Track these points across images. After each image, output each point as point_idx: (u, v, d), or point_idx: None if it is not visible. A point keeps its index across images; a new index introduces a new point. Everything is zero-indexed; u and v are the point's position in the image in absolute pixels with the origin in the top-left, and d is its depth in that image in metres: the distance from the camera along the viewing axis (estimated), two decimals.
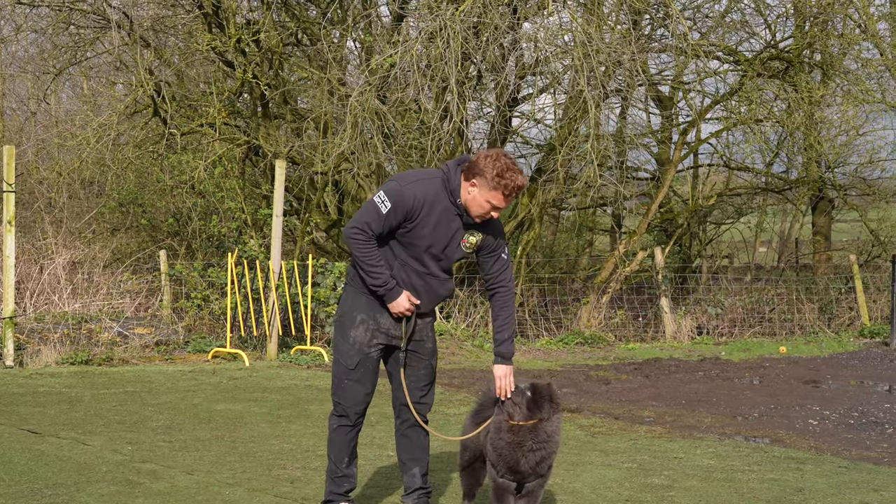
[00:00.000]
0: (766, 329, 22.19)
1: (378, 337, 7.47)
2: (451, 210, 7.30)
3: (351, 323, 7.45)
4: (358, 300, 7.45)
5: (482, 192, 7.18)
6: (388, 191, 7.22)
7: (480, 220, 7.31)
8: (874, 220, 28.70)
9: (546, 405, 7.27)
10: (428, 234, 7.29)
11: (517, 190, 7.20)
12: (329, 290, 17.81)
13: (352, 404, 7.55)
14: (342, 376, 7.51)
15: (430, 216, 7.24)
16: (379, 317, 7.43)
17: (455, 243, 7.39)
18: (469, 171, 7.23)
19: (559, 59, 19.93)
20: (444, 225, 7.31)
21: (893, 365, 17.99)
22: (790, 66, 22.38)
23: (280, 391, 14.09)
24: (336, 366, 7.55)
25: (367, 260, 7.24)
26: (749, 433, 11.72)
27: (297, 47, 22.44)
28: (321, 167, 19.87)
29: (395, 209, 7.17)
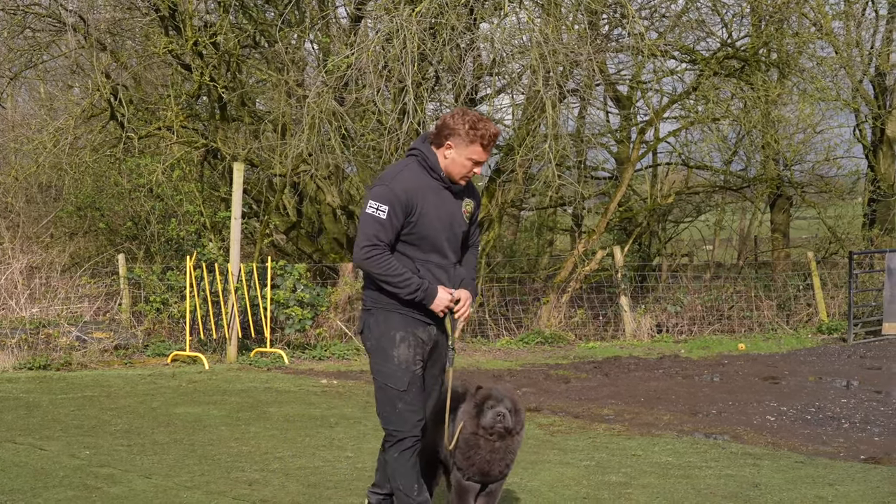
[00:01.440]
0: (725, 326, 22.29)
1: (419, 353, 7.06)
2: (439, 187, 7.05)
3: (391, 344, 7.00)
4: (391, 319, 7.02)
5: (460, 151, 6.98)
6: (377, 197, 6.90)
7: (465, 180, 7.09)
8: (831, 217, 28.87)
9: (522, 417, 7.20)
10: (434, 220, 6.99)
11: (494, 138, 7.01)
12: (288, 292, 17.79)
13: (409, 428, 7.02)
14: (395, 401, 7.00)
15: (426, 202, 6.96)
16: (417, 331, 7.04)
17: (458, 219, 7.13)
18: (439, 137, 7.02)
19: (516, 60, 19.97)
20: (441, 204, 7.05)
21: (851, 361, 18.11)
22: (746, 65, 22.47)
23: (239, 394, 14.06)
24: (383, 392, 7.04)
25: (391, 272, 6.89)
26: (707, 430, 11.78)
27: (254, 49, 22.38)
28: (280, 169, 19.84)
29: (394, 209, 6.87)
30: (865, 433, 11.65)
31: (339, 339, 18.79)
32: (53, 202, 24.36)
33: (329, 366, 17.08)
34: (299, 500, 8.36)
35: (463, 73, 19.47)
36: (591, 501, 8.48)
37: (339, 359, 17.72)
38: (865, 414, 12.79)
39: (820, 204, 28.79)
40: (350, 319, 19.40)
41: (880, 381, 15.91)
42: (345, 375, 15.98)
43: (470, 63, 19.99)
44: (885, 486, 8.93)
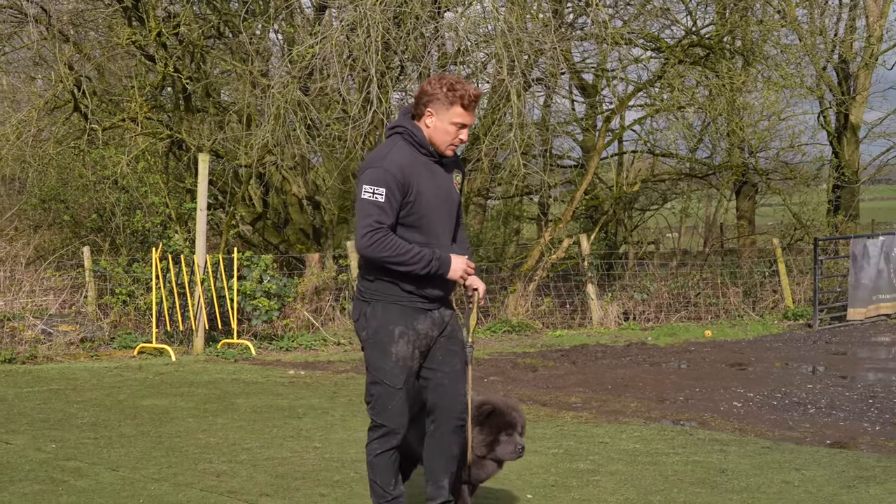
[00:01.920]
0: (691, 313, 22.36)
1: (419, 347, 6.77)
2: (429, 163, 6.74)
3: (389, 338, 6.70)
4: (389, 312, 6.71)
5: (441, 116, 6.66)
6: (371, 180, 6.56)
7: (452, 150, 6.77)
8: (796, 204, 29.01)
9: None
10: (431, 197, 6.69)
11: (475, 98, 6.70)
12: (255, 283, 17.74)
13: (399, 425, 6.82)
14: (388, 398, 6.78)
15: (421, 179, 6.64)
16: (416, 324, 6.74)
17: (453, 194, 6.85)
18: (418, 106, 6.73)
19: (481, 49, 19.97)
20: (435, 180, 6.74)
21: (816, 346, 18.20)
22: (711, 53, 22.53)
23: (207, 385, 14.02)
24: (376, 387, 6.81)
25: (399, 251, 6.54)
26: (675, 416, 11.82)
27: (218, 40, 22.29)
28: (245, 160, 19.78)
29: (392, 190, 6.53)
30: (831, 418, 11.71)
31: (307, 329, 18.76)
32: (17, 195, 24.23)
33: (296, 356, 17.04)
34: (267, 490, 8.34)
35: (427, 63, 19.45)
36: (559, 489, 8.49)
37: (306, 349, 17.69)
38: (831, 399, 12.85)
39: (785, 191, 28.93)
40: (317, 310, 19.37)
41: (845, 366, 15.99)
42: (312, 366, 15.95)
43: (434, 52, 19.98)
44: (851, 471, 8.98)
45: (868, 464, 9.27)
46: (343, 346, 17.94)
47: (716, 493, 8.33)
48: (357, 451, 9.85)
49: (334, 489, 8.40)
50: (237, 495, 8.20)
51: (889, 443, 10.32)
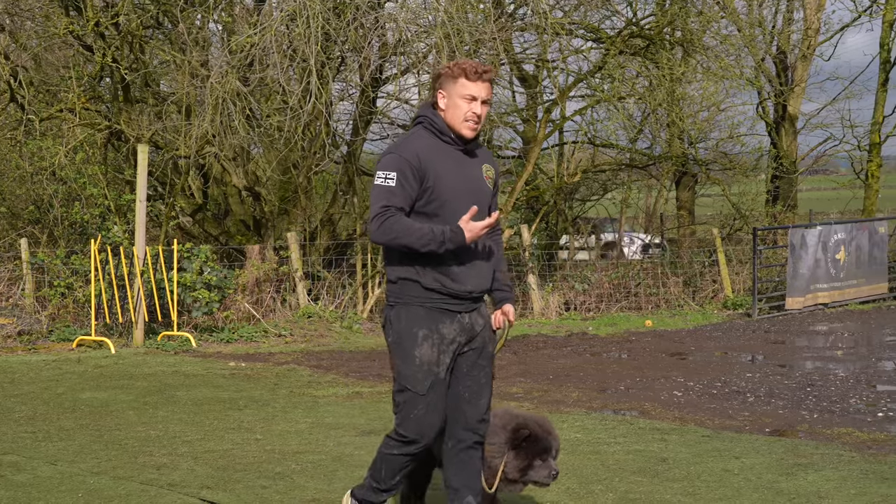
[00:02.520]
0: (632, 303, 22.48)
1: (445, 352, 6.34)
2: (452, 149, 6.42)
3: (413, 342, 6.30)
4: (414, 314, 6.33)
5: (450, 93, 6.37)
6: (384, 166, 6.29)
7: (470, 128, 6.36)
8: (736, 194, 29.20)
9: None
10: (453, 181, 6.34)
11: (481, 70, 6.37)
12: (195, 275, 17.63)
13: (422, 435, 6.36)
14: (412, 405, 6.34)
15: (441, 164, 6.32)
16: (441, 327, 6.33)
17: (482, 184, 6.49)
18: (433, 94, 6.51)
19: (421, 40, 19.93)
20: (458, 167, 6.41)
21: (756, 335, 18.35)
22: (651, 44, 22.63)
23: (147, 378, 13.92)
24: (402, 394, 6.37)
25: (409, 231, 6.17)
26: (616, 406, 11.87)
27: (157, 30, 22.13)
28: (184, 151, 19.64)
29: (405, 174, 6.21)
30: (770, 406, 11.80)
31: (247, 321, 18.67)
32: None
33: (237, 348, 16.97)
34: (208, 483, 8.29)
35: (367, 53, 19.40)
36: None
37: (247, 341, 17.60)
38: (770, 387, 12.96)
39: (724, 181, 29.11)
40: (258, 302, 19.28)
41: (784, 354, 16.14)
42: (253, 358, 15.89)
43: (375, 43, 19.93)
44: (790, 458, 9.05)
45: (806, 451, 9.36)
46: (284, 337, 17.87)
47: (657, 481, 8.37)
48: (298, 442, 9.82)
49: (276, 481, 8.36)
50: (178, 488, 8.14)
51: (826, 430, 10.42)
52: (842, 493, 7.97)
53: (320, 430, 10.48)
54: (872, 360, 15.46)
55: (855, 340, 17.65)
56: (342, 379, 13.84)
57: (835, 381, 13.39)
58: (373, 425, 10.71)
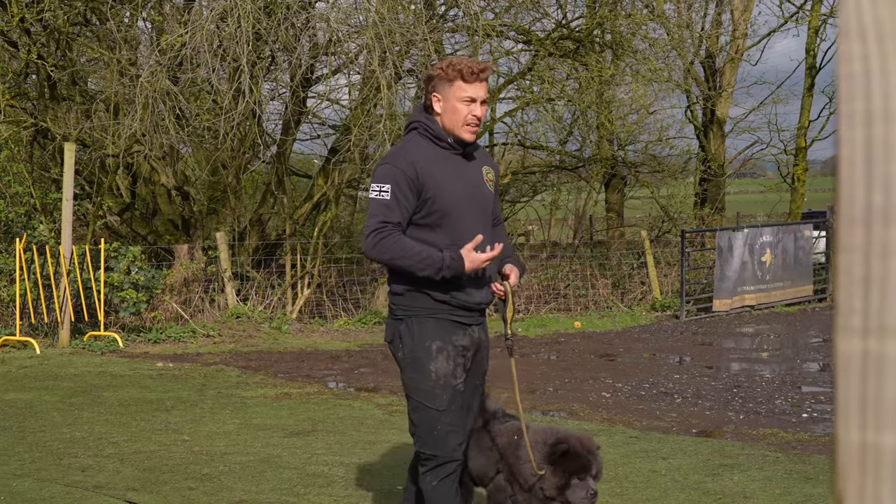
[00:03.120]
0: (561, 305, 22.55)
1: (459, 364, 6.01)
2: (449, 155, 6.06)
3: (427, 356, 5.94)
4: (423, 327, 5.96)
5: (446, 95, 6.02)
6: (379, 177, 5.92)
7: (469, 131, 6.01)
8: (664, 197, 29.42)
9: None
10: (454, 189, 5.97)
11: (478, 69, 6.02)
12: (123, 275, 17.48)
13: (450, 452, 6.00)
14: (433, 423, 5.98)
15: (439, 173, 5.95)
16: (454, 338, 5.98)
17: (483, 188, 6.14)
18: (427, 96, 6.12)
19: (352, 40, 19.90)
20: (457, 172, 6.05)
21: (683, 337, 18.48)
22: (581, 46, 22.74)
23: (72, 378, 13.77)
24: (419, 413, 6.02)
25: (406, 252, 5.81)
26: (544, 407, 11.90)
27: (85, 27, 21.91)
28: (112, 149, 19.47)
29: (399, 186, 5.85)
30: (697, 407, 11.89)
31: (175, 321, 18.54)
32: None
33: (165, 349, 16.84)
34: (134, 485, 8.22)
35: (299, 53, 19.33)
36: None
37: (174, 341, 17.48)
38: (697, 389, 13.06)
39: (653, 183, 29.32)
40: (186, 302, 19.16)
41: (711, 356, 16.27)
42: (181, 358, 15.78)
43: (306, 43, 19.86)
44: (716, 459, 9.12)
45: (732, 451, 9.44)
46: (212, 338, 17.76)
47: None
48: (226, 443, 9.76)
49: (203, 482, 8.30)
50: (103, 490, 8.06)
51: (752, 431, 10.52)
52: (766, 492, 8.04)
53: (248, 431, 10.42)
54: (798, 361, 15.62)
55: (781, 342, 17.83)
56: (271, 380, 13.78)
57: (761, 383, 13.52)
58: (301, 426, 10.66)
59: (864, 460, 1.12)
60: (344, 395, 12.76)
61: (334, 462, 9.05)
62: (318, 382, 13.72)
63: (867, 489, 1.12)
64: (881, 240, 1.10)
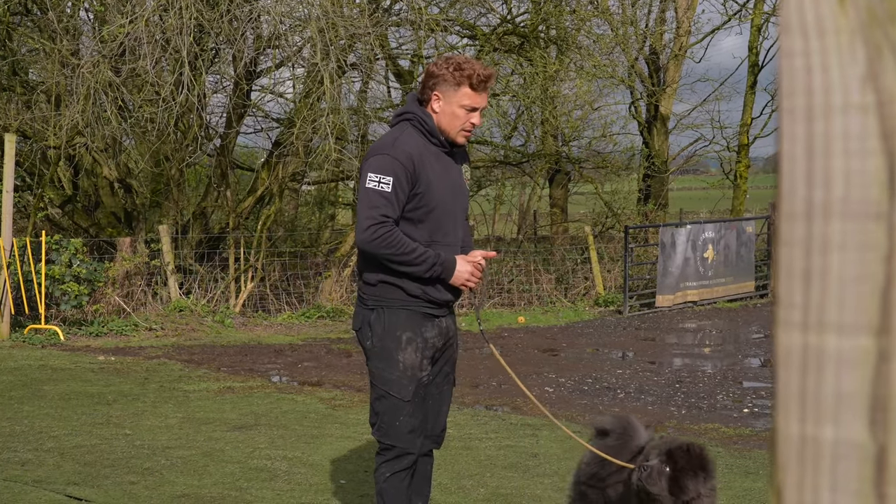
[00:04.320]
0: (505, 300, 22.59)
1: (426, 356, 6.09)
2: (440, 153, 6.11)
3: (396, 345, 6.01)
4: (395, 317, 6.03)
5: (448, 99, 6.01)
6: (378, 168, 5.90)
7: (464, 136, 6.13)
8: (608, 193, 29.50)
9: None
10: (441, 189, 6.06)
11: (486, 78, 6.03)
12: (64, 268, 17.34)
13: (409, 443, 6.10)
14: (396, 413, 6.06)
15: (431, 170, 6.01)
16: (424, 331, 6.06)
17: (463, 188, 6.27)
18: (424, 90, 6.12)
19: (296, 33, 19.83)
20: (445, 172, 6.12)
21: (627, 332, 18.57)
22: (526, 41, 22.78)
23: (12, 371, 13.65)
24: (382, 402, 6.09)
25: (404, 249, 5.88)
26: (488, 402, 11.93)
27: (26, 17, 21.69)
28: (54, 141, 19.30)
29: (399, 180, 5.88)
30: (640, 402, 11.96)
31: (117, 314, 18.42)
32: None
33: (107, 342, 16.73)
34: (75, 479, 8.16)
35: (241, 46, 19.23)
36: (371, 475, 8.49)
37: (116, 335, 17.37)
38: (640, 384, 13.13)
39: (597, 179, 29.40)
40: (129, 295, 19.04)
41: (654, 351, 16.37)
42: (123, 352, 15.68)
43: (250, 35, 19.77)
44: None
45: None
46: (155, 331, 17.66)
47: (527, 476, 8.43)
48: (168, 437, 9.72)
49: (145, 476, 8.26)
50: (43, 484, 8.00)
51: (694, 426, 10.59)
52: None
53: (191, 425, 10.38)
54: (739, 357, 15.74)
55: (723, 338, 17.96)
56: (213, 373, 13.73)
57: (703, 378, 13.61)
58: (244, 420, 10.63)
59: (803, 453, 1.13)
60: (287, 390, 12.74)
61: (277, 456, 9.03)
62: (262, 376, 13.68)
63: (806, 481, 1.13)
64: (821, 234, 1.11)
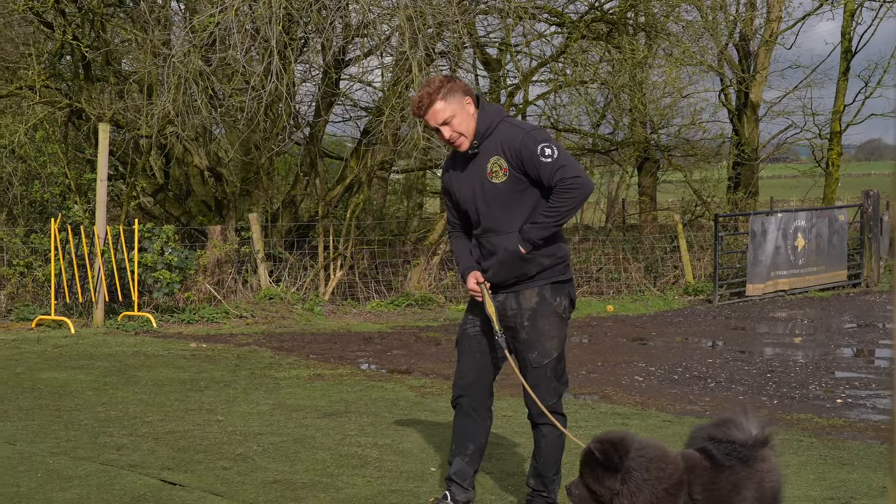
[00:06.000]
0: (594, 288, 22.51)
1: (474, 314, 7.00)
2: (464, 157, 6.86)
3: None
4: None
5: None
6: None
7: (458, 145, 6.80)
8: (697, 181, 29.27)
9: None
10: (462, 190, 6.88)
11: (417, 106, 6.78)
12: (156, 255, 17.53)
13: (454, 383, 7.25)
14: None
15: (456, 176, 6.92)
16: (494, 300, 6.86)
17: (485, 181, 6.74)
18: None
19: (385, 22, 19.86)
20: (464, 173, 6.86)
21: (716, 321, 18.42)
22: (614, 28, 22.64)
23: (107, 358, 13.83)
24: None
25: (455, 254, 7.11)
26: (577, 391, 11.88)
27: (119, 8, 21.94)
28: (146, 130, 19.52)
29: (445, 191, 7.10)
30: (731, 392, 11.85)
31: (208, 302, 18.60)
32: None
33: (198, 329, 16.90)
34: (169, 464, 8.25)
35: (330, 35, 19.30)
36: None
37: (207, 322, 17.54)
38: (730, 373, 13.01)
39: (686, 167, 29.19)
40: (219, 283, 19.21)
41: (744, 341, 16.22)
42: (213, 339, 15.83)
43: (338, 24, 19.84)
44: None
45: None
46: (245, 318, 17.81)
47: None
48: (259, 424, 9.79)
49: (237, 462, 8.33)
50: (138, 469, 8.10)
51: (786, 416, 10.47)
52: (801, 478, 8.01)
53: (281, 411, 10.45)
54: (831, 346, 15.56)
55: (814, 327, 17.76)
56: (303, 361, 13.81)
57: (794, 368, 13.46)
58: (334, 407, 10.69)
59: None
60: (376, 377, 12.79)
61: (367, 443, 9.06)
62: (351, 364, 13.74)
63: None
64: None
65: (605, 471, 5.44)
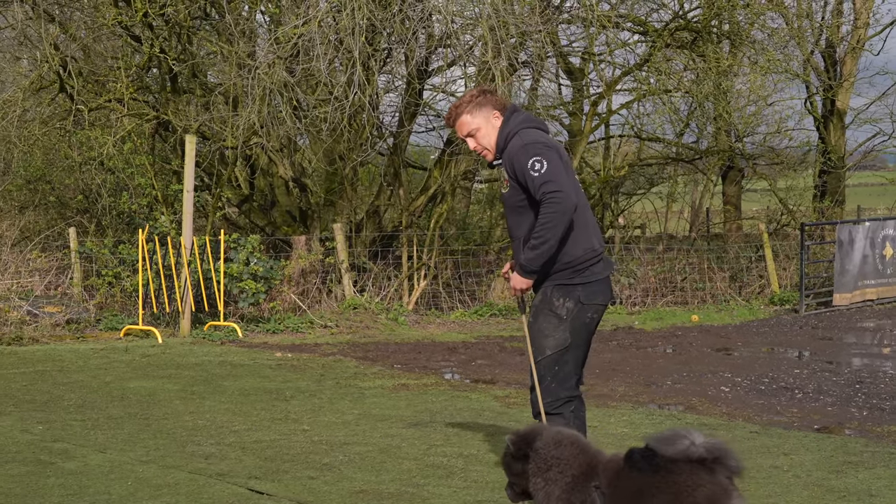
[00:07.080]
0: (678, 298, 22.38)
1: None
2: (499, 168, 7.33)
3: None
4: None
5: None
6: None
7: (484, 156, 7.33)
8: (783, 189, 29.00)
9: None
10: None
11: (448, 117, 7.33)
12: (242, 266, 17.68)
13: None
14: None
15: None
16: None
17: (502, 192, 7.26)
18: None
19: (467, 32, 19.89)
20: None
21: (803, 331, 18.23)
22: (698, 37, 22.52)
23: (194, 367, 13.97)
24: None
25: None
26: (662, 401, 11.82)
27: (205, 20, 22.16)
28: (231, 141, 19.69)
29: None
30: (818, 403, 11.72)
31: (293, 312, 18.72)
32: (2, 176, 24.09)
33: (283, 339, 17.02)
34: (256, 473, 8.31)
35: (414, 45, 19.37)
36: None
37: (293, 332, 17.65)
38: (818, 384, 12.87)
39: (771, 176, 28.94)
40: (304, 293, 19.33)
41: (832, 351, 16.03)
42: (299, 349, 15.93)
43: (421, 35, 19.90)
44: (839, 455, 8.98)
45: (856, 449, 9.28)
46: (330, 328, 17.90)
47: None
48: (345, 433, 9.84)
49: (323, 472, 8.37)
50: (226, 478, 8.17)
51: (876, 428, 10.34)
52: (893, 491, 7.90)
53: (367, 421, 10.49)
54: None
55: None
56: (388, 371, 13.86)
57: (884, 379, 13.28)
58: (419, 417, 10.71)
59: None
60: (461, 387, 12.80)
61: (453, 453, 9.07)
62: (435, 374, 13.77)
63: None
64: None
65: (516, 460, 5.67)
